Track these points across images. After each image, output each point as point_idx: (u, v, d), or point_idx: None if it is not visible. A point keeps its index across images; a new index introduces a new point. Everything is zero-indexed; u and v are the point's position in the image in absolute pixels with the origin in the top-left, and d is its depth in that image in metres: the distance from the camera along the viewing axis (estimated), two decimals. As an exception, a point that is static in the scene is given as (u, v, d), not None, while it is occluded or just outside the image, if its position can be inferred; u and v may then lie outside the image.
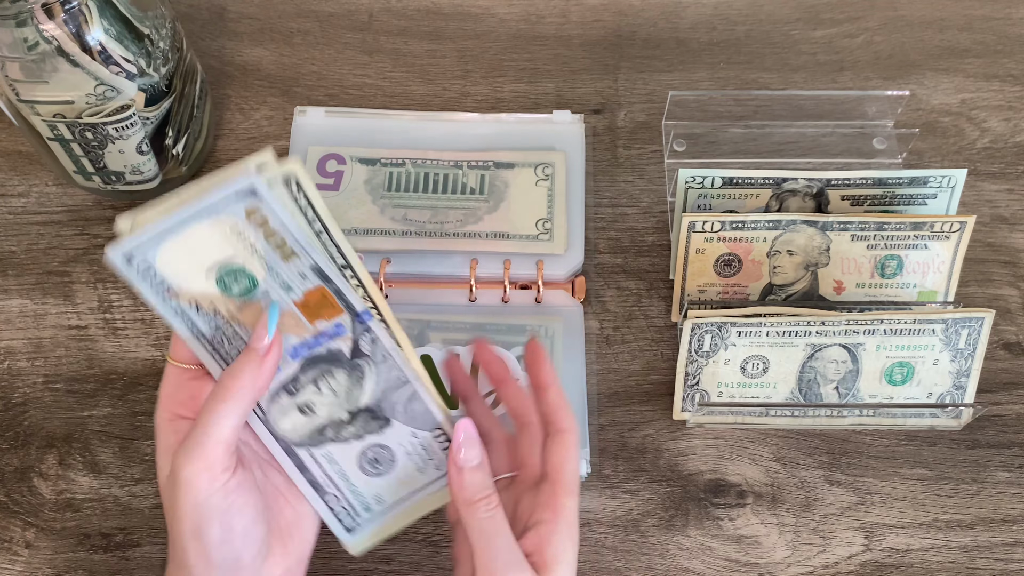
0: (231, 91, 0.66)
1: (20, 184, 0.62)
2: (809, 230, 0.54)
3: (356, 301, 0.41)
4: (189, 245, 0.37)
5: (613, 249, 0.60)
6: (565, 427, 0.42)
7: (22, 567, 0.51)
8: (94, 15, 0.51)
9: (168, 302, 0.38)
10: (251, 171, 0.36)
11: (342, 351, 0.41)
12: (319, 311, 0.40)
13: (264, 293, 0.39)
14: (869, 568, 0.51)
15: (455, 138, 0.61)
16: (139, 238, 0.36)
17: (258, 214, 0.37)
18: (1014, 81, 0.67)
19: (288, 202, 0.38)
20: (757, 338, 0.51)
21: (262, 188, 0.37)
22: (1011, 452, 0.54)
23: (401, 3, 0.71)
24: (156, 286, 0.38)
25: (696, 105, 0.64)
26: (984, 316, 0.51)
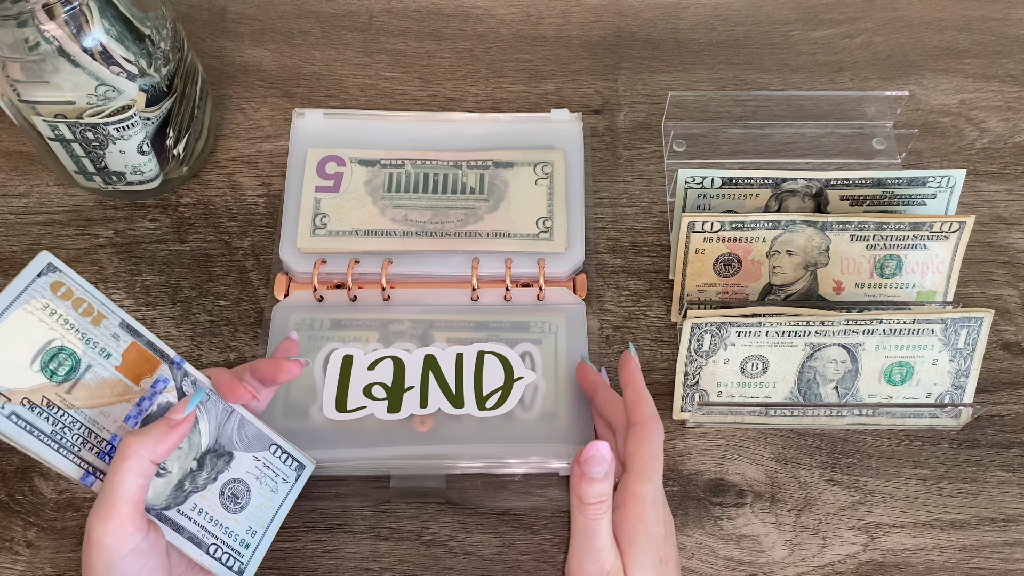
0: (232, 91, 0.66)
1: (21, 184, 0.62)
2: (808, 230, 0.54)
3: (167, 350, 0.43)
4: (6, 338, 0.38)
5: (613, 249, 0.60)
6: (638, 420, 0.46)
7: (23, 567, 0.51)
8: (95, 16, 0.51)
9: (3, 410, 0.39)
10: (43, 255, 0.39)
11: (171, 403, 0.43)
12: (139, 369, 0.42)
13: (87, 367, 0.40)
14: (868, 567, 0.51)
15: (454, 138, 0.61)
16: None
17: (63, 287, 0.40)
18: (1013, 81, 0.67)
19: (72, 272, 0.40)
20: (757, 338, 0.52)
21: (58, 262, 0.39)
22: (1010, 452, 0.54)
23: (401, 4, 0.71)
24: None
25: (696, 105, 0.64)
26: (983, 316, 0.52)
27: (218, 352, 0.56)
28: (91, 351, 0.41)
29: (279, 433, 0.48)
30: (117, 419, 0.42)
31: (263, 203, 0.62)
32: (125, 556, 0.39)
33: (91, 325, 0.41)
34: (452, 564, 0.51)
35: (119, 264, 0.59)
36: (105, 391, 0.41)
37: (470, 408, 0.52)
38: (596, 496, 0.43)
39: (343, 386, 0.53)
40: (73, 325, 0.40)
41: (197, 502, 0.44)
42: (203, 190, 0.62)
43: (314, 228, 0.57)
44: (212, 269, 0.59)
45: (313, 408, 0.53)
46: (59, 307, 0.40)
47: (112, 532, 0.38)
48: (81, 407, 0.40)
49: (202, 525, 0.44)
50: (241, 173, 0.63)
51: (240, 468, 0.46)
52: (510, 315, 0.56)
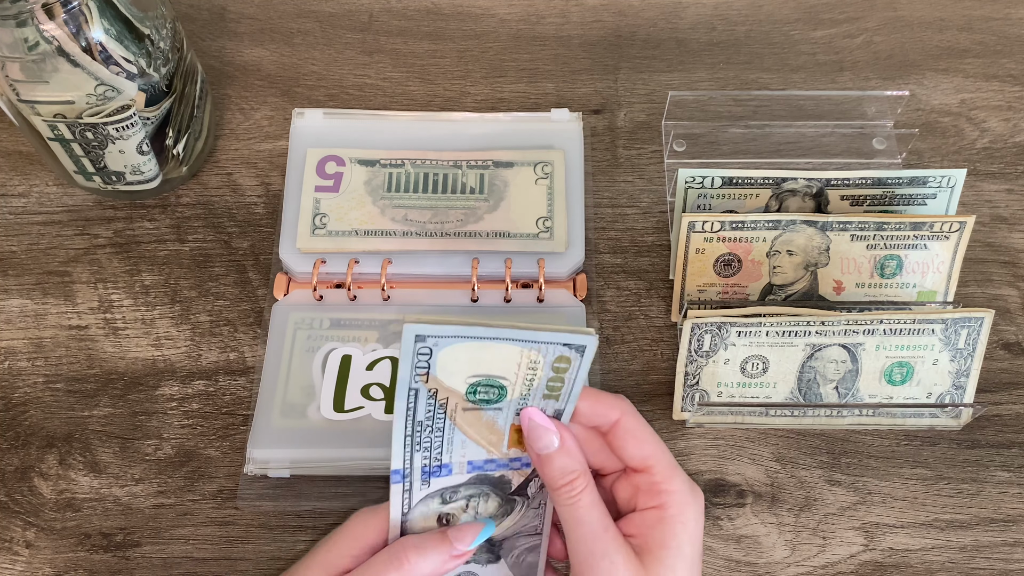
0: (231, 91, 0.66)
1: (20, 184, 0.62)
2: (809, 230, 0.54)
3: None
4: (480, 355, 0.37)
5: (613, 249, 0.60)
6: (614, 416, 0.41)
7: (22, 567, 0.51)
8: (94, 15, 0.51)
9: (414, 383, 0.38)
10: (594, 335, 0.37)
11: (510, 482, 0.41)
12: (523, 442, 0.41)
13: (496, 411, 0.39)
14: (869, 568, 0.51)
15: (453, 138, 0.61)
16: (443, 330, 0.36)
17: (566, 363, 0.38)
18: (1014, 81, 0.67)
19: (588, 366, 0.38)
20: (757, 338, 0.52)
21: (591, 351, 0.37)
22: (1011, 452, 0.54)
23: (401, 3, 0.71)
24: (419, 366, 0.37)
25: (696, 105, 0.64)
26: (983, 316, 0.52)
27: (218, 352, 0.56)
28: (515, 404, 0.39)
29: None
30: (465, 455, 0.40)
31: (263, 203, 0.62)
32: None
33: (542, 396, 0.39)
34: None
35: (118, 264, 0.59)
36: (484, 430, 0.40)
37: None
38: (563, 475, 0.39)
39: (341, 386, 0.53)
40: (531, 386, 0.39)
41: None
42: (203, 190, 0.62)
43: (314, 228, 0.57)
44: (212, 269, 0.59)
45: (311, 408, 0.53)
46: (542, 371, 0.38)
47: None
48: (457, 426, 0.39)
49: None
50: (241, 173, 0.63)
51: (491, 572, 0.44)
52: (509, 317, 0.56)
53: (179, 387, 0.55)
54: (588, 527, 0.38)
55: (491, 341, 0.37)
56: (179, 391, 0.55)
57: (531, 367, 0.38)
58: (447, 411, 0.39)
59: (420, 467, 0.40)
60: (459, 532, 0.40)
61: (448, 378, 0.38)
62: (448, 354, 0.37)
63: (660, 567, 0.38)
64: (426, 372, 0.38)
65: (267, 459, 0.51)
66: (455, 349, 0.37)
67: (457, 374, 0.38)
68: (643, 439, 0.41)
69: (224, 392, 0.55)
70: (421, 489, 0.41)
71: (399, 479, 0.40)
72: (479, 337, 0.37)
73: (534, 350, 0.37)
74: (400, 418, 0.38)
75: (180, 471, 0.53)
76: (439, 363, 0.37)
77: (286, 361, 0.54)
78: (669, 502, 0.39)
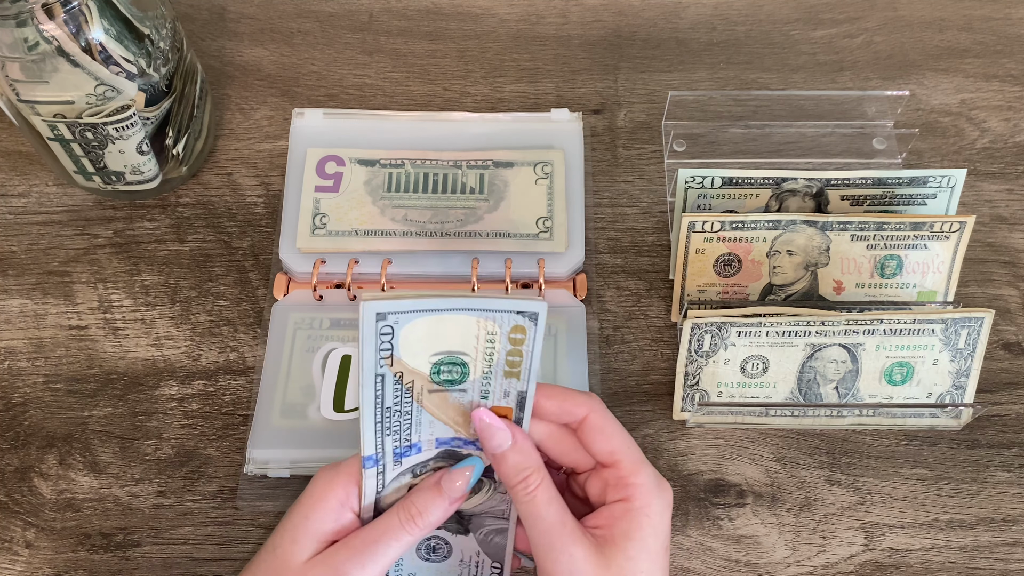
0: (231, 91, 0.66)
1: (20, 184, 0.62)
2: (809, 230, 0.54)
3: None
4: (439, 329, 0.38)
5: (613, 249, 0.60)
6: (582, 413, 0.41)
7: (22, 567, 0.51)
8: (94, 15, 0.51)
9: (380, 365, 0.38)
10: (544, 302, 0.38)
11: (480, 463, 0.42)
12: None
13: (461, 392, 0.40)
14: (869, 568, 0.51)
15: (453, 138, 0.61)
16: (403, 304, 0.37)
17: (522, 334, 0.39)
18: (1014, 81, 0.67)
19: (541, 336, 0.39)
20: (757, 338, 0.51)
21: (543, 319, 0.38)
22: (1011, 452, 0.54)
23: (401, 3, 0.71)
24: (382, 349, 0.38)
25: (696, 105, 0.64)
26: (984, 316, 0.51)
27: (217, 352, 0.56)
28: (479, 384, 0.40)
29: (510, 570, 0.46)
30: (434, 434, 0.41)
31: (262, 203, 0.62)
32: None
33: (503, 373, 0.40)
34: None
35: (118, 264, 0.59)
36: (451, 411, 0.41)
37: None
38: (517, 472, 0.39)
39: (341, 386, 0.53)
40: (491, 362, 0.39)
41: None
42: (202, 190, 0.62)
43: (313, 228, 0.57)
44: (211, 269, 0.59)
45: (311, 408, 0.53)
46: (499, 343, 0.39)
47: None
48: (424, 408, 0.40)
49: None
50: (240, 173, 0.63)
51: (460, 543, 0.45)
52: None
53: (179, 387, 0.55)
54: (546, 522, 0.39)
55: (448, 313, 0.38)
56: (179, 391, 0.55)
57: (489, 339, 0.39)
58: (414, 394, 0.40)
59: (392, 450, 0.41)
60: (450, 481, 0.41)
61: (411, 358, 0.38)
62: (409, 331, 0.38)
63: (622, 557, 0.39)
64: (390, 354, 0.38)
65: (267, 459, 0.51)
66: (415, 325, 0.38)
67: (419, 352, 0.38)
68: (610, 434, 0.41)
69: (224, 392, 0.55)
70: (394, 469, 0.41)
71: (372, 464, 0.40)
72: (436, 309, 0.37)
73: (490, 320, 0.38)
74: (369, 406, 0.39)
75: (180, 471, 0.53)
76: (402, 341, 0.38)
77: (286, 361, 0.54)
78: (635, 495, 0.40)
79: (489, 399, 0.41)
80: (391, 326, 0.37)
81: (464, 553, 0.45)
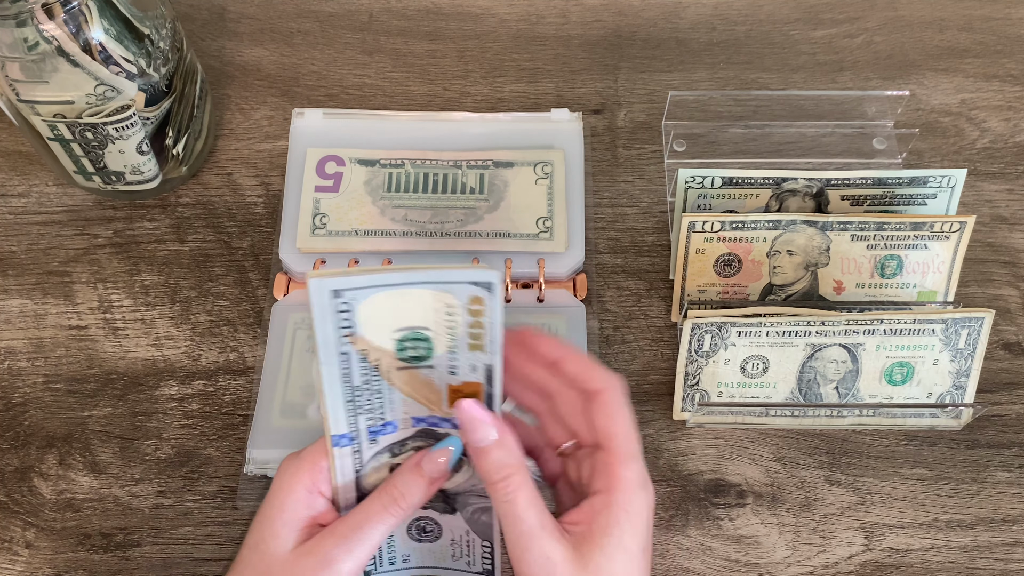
0: (231, 91, 0.66)
1: (20, 184, 0.62)
2: (809, 230, 0.54)
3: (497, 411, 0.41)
4: (398, 304, 0.38)
5: (613, 249, 0.60)
6: (599, 387, 0.40)
7: (22, 567, 0.51)
8: (94, 15, 0.51)
9: (342, 344, 0.38)
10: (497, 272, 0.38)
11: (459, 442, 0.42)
12: None
13: (428, 367, 0.40)
14: (869, 568, 0.51)
15: (453, 138, 0.61)
16: (358, 280, 0.36)
17: (480, 305, 0.38)
18: (1014, 81, 0.67)
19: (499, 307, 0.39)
20: (757, 338, 0.51)
21: (498, 288, 0.38)
22: (1011, 452, 0.54)
23: (401, 3, 0.71)
24: (342, 327, 0.37)
25: (696, 105, 0.64)
26: (984, 316, 0.51)
27: (217, 352, 0.56)
28: (445, 360, 0.39)
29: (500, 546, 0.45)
30: (408, 412, 0.41)
31: (262, 203, 0.62)
32: None
33: (467, 346, 0.39)
34: (452, 564, 0.51)
35: (118, 264, 0.59)
36: (423, 389, 0.40)
37: None
38: (499, 469, 0.38)
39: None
40: (454, 335, 0.39)
41: None
42: (202, 190, 0.62)
43: (313, 228, 0.57)
44: (211, 269, 0.59)
45: (311, 408, 0.53)
46: (459, 316, 0.38)
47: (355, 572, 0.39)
48: (394, 386, 0.40)
49: None
50: (240, 173, 0.63)
51: (448, 522, 0.45)
52: (509, 317, 0.56)
53: (179, 387, 0.55)
54: (525, 524, 0.38)
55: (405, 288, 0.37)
56: (179, 391, 0.55)
57: (449, 312, 0.38)
58: (381, 372, 0.39)
59: (366, 428, 0.40)
60: (431, 462, 0.40)
61: (374, 335, 0.38)
62: (369, 306, 0.37)
63: (599, 554, 0.38)
64: (352, 331, 0.38)
65: (267, 459, 0.51)
66: (374, 300, 0.37)
67: (382, 329, 0.38)
68: (614, 417, 0.40)
69: (224, 392, 0.55)
70: (370, 448, 0.41)
71: (347, 442, 0.40)
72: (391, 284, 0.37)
73: (447, 292, 0.38)
74: (336, 384, 0.39)
75: (180, 471, 0.53)
76: (362, 318, 0.37)
77: (286, 361, 0.54)
78: (616, 486, 0.39)
79: (458, 374, 0.40)
80: (348, 303, 0.37)
81: (454, 532, 0.45)
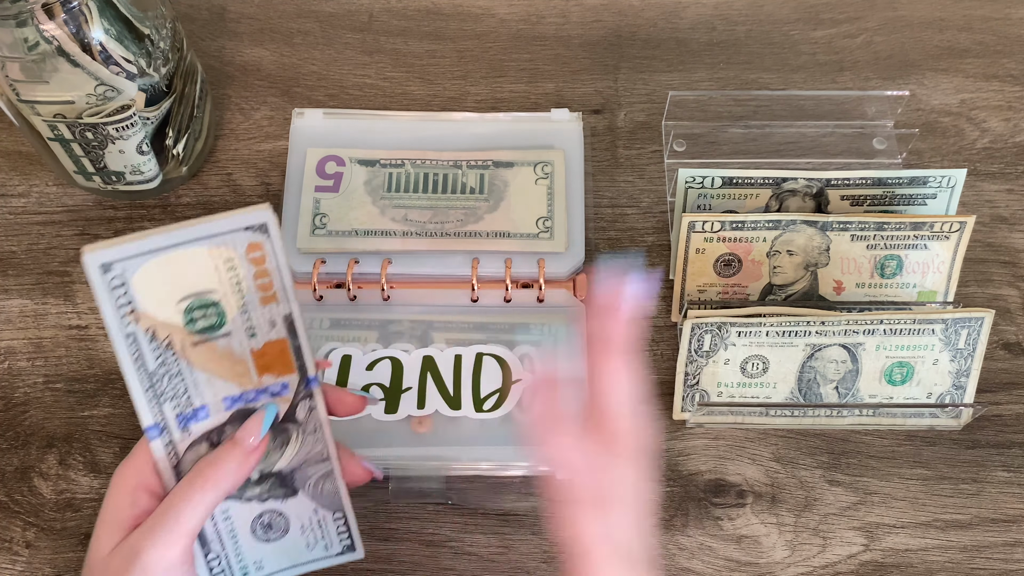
0: (231, 91, 0.66)
1: (20, 184, 0.62)
2: (809, 230, 0.54)
3: (310, 364, 0.40)
4: (173, 269, 0.36)
5: (613, 249, 0.60)
6: None
7: (22, 567, 0.51)
8: (94, 15, 0.51)
9: (125, 324, 0.36)
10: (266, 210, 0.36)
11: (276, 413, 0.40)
12: (271, 365, 0.39)
13: (226, 334, 0.38)
14: (869, 568, 0.51)
15: (453, 138, 0.61)
16: (125, 249, 0.35)
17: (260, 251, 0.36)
18: (1014, 81, 0.67)
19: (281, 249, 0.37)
20: (757, 338, 0.52)
21: (273, 227, 0.36)
22: (1011, 452, 0.54)
23: (401, 3, 0.71)
24: (120, 304, 0.36)
25: (696, 105, 0.64)
26: (984, 316, 0.52)
27: (217, 352, 0.56)
28: (241, 322, 0.38)
29: (352, 510, 0.45)
30: (217, 394, 0.39)
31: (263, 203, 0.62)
32: (163, 573, 0.37)
33: (258, 301, 0.37)
34: (452, 564, 0.51)
35: (118, 264, 0.59)
36: (225, 363, 0.38)
37: (467, 410, 0.52)
38: None
39: (341, 386, 0.53)
40: (241, 291, 0.37)
41: (230, 508, 0.42)
42: (202, 190, 0.62)
43: (314, 228, 0.57)
44: (211, 269, 0.59)
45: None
46: (242, 268, 0.36)
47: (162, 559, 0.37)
48: (194, 365, 0.38)
49: (219, 530, 0.42)
50: (240, 173, 0.63)
51: (293, 508, 0.43)
52: (510, 317, 0.56)
53: (179, 387, 0.55)
54: None
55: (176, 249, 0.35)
56: (179, 391, 0.55)
57: (230, 267, 0.36)
58: (176, 351, 0.37)
59: (174, 416, 0.39)
60: (243, 431, 0.39)
61: (156, 308, 0.36)
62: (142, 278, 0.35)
63: None
64: (132, 308, 0.36)
65: (267, 459, 0.51)
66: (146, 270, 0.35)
67: (164, 301, 0.36)
68: None
69: (224, 392, 0.55)
70: (184, 438, 0.39)
71: (156, 433, 0.39)
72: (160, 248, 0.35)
73: (222, 245, 0.36)
74: (131, 372, 0.37)
75: (180, 471, 0.53)
76: (137, 291, 0.35)
77: (286, 361, 0.54)
78: None
79: (257, 335, 0.38)
80: (119, 277, 0.35)
81: (302, 517, 0.43)
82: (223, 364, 0.39)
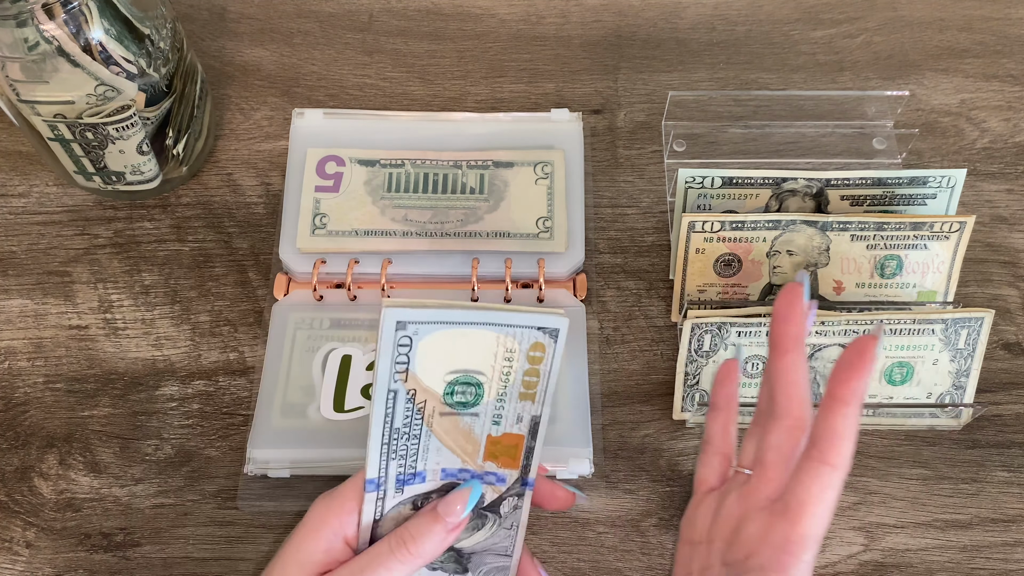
0: (231, 91, 0.66)
1: (20, 184, 0.62)
2: (809, 230, 0.54)
3: (534, 468, 0.41)
4: (458, 344, 0.37)
5: (613, 249, 0.60)
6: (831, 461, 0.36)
7: (22, 567, 0.51)
8: (94, 15, 0.51)
9: (394, 380, 0.37)
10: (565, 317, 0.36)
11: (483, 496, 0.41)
12: (499, 455, 0.40)
13: (473, 414, 0.39)
14: (869, 568, 0.51)
15: (453, 138, 0.61)
16: (425, 314, 0.35)
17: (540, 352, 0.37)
18: (1014, 81, 0.67)
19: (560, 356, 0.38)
20: (757, 338, 0.52)
21: (563, 336, 0.37)
22: (1011, 452, 0.54)
23: (401, 3, 0.71)
24: (399, 362, 0.36)
25: (696, 105, 0.64)
26: (983, 316, 0.52)
27: (218, 352, 0.56)
28: (492, 407, 0.39)
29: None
30: (440, 463, 0.40)
31: (263, 203, 0.62)
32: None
33: (518, 395, 0.38)
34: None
35: (118, 264, 0.59)
36: (460, 439, 0.39)
37: None
38: None
39: (341, 386, 0.53)
40: (507, 381, 0.38)
41: None
42: (203, 190, 0.62)
43: (314, 228, 0.57)
44: (212, 269, 0.59)
45: (311, 408, 0.53)
46: (517, 361, 0.37)
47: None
48: (434, 433, 0.39)
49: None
50: (240, 173, 0.63)
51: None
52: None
53: (179, 387, 0.55)
54: None
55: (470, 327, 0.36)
56: (179, 391, 0.55)
57: (507, 357, 0.37)
58: (424, 416, 0.38)
59: (395, 475, 0.40)
60: (447, 504, 0.40)
61: (426, 375, 0.37)
62: (428, 344, 0.36)
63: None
64: (405, 368, 0.37)
65: (267, 459, 0.51)
66: (434, 339, 0.36)
67: (435, 370, 0.37)
68: None
69: (224, 392, 0.55)
70: (395, 496, 0.40)
71: (373, 488, 0.39)
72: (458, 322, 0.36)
73: (510, 336, 0.37)
74: (378, 425, 0.38)
75: (180, 471, 0.53)
76: (419, 356, 0.37)
77: (286, 361, 0.54)
78: None
79: (501, 424, 0.39)
80: (410, 337, 0.36)
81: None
82: (458, 439, 0.40)
